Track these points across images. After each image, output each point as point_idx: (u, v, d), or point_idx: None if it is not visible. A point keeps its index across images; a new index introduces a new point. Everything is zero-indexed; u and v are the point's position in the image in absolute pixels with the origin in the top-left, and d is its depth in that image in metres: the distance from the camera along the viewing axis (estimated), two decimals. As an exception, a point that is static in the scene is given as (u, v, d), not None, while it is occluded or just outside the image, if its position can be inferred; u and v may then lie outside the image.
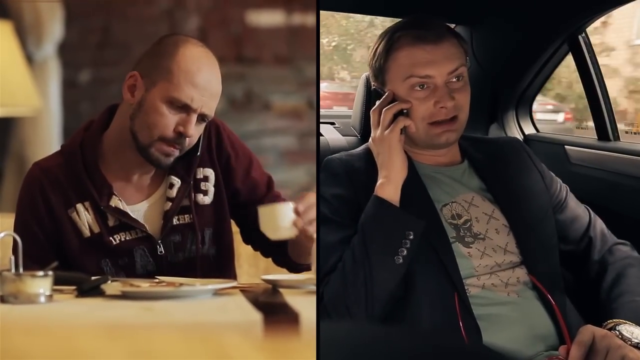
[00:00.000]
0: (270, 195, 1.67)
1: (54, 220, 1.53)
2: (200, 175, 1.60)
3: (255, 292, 1.40)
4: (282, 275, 1.56)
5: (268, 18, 3.14)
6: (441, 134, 1.49)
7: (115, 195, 1.53)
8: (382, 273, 1.37)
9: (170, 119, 1.49)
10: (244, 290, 1.39)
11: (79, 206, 1.54)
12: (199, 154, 1.58)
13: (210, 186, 1.61)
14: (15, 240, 1.29)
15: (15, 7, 2.87)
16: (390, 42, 1.52)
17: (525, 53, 2.32)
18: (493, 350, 0.58)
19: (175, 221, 1.57)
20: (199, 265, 1.58)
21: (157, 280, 1.36)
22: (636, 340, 1.32)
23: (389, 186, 1.43)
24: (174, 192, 1.57)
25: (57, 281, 1.28)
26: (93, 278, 1.35)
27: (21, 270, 1.25)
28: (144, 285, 1.31)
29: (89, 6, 3.01)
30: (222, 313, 1.18)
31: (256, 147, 3.10)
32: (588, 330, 1.29)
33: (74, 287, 1.33)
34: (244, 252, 1.84)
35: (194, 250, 1.58)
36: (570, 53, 2.22)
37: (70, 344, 0.59)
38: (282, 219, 1.44)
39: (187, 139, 1.51)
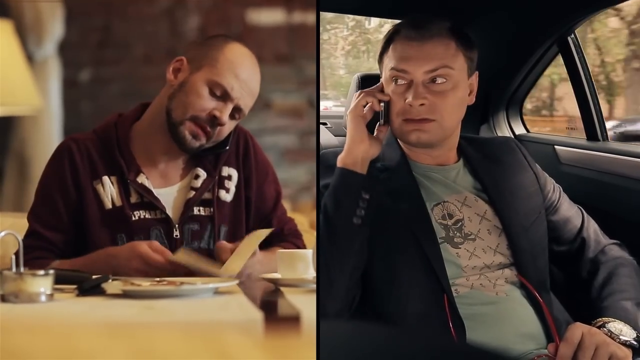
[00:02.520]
0: (275, 213, 1.73)
1: (77, 189, 1.58)
2: (225, 173, 1.66)
3: (256, 291, 1.41)
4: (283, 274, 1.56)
5: (268, 17, 3.13)
6: (411, 132, 1.48)
7: (143, 174, 1.59)
8: (341, 236, 1.39)
9: (207, 102, 1.57)
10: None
11: (105, 178, 1.59)
12: (227, 148, 1.64)
13: (232, 185, 1.66)
14: (17, 240, 1.29)
15: (16, 6, 2.87)
16: (388, 36, 1.55)
17: (515, 54, 2.33)
18: (483, 348, 0.58)
19: (195, 211, 1.62)
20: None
21: (158, 279, 1.36)
22: (624, 338, 1.33)
23: (348, 156, 1.44)
24: (198, 183, 1.62)
25: (58, 280, 1.29)
26: (94, 277, 1.35)
27: (22, 269, 1.25)
28: (144, 284, 1.31)
29: (90, 5, 3.01)
30: (223, 312, 1.18)
31: (257, 146, 3.11)
32: (577, 328, 1.32)
33: (74, 286, 1.33)
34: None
35: (210, 241, 1.62)
36: (559, 54, 2.23)
37: (71, 343, 0.59)
38: (299, 266, 1.45)
39: (217, 128, 1.57)
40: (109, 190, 1.58)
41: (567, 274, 1.69)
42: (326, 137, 2.29)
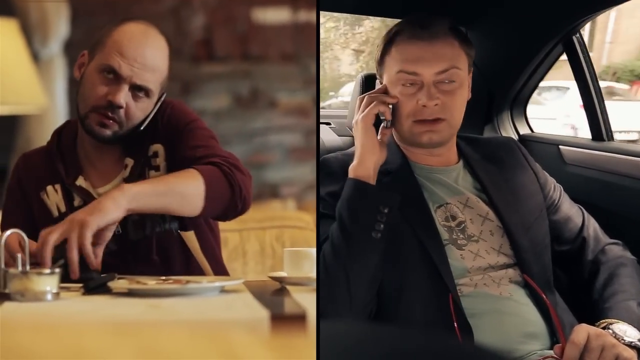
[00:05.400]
0: (185, 144, 1.58)
1: (27, 204, 1.60)
2: (151, 152, 1.60)
3: (262, 289, 1.40)
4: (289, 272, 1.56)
5: (273, 15, 3.13)
6: (423, 133, 1.49)
7: (82, 176, 1.58)
8: (360, 251, 1.37)
9: (100, 88, 1.53)
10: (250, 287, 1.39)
11: (49, 188, 1.60)
12: (142, 128, 1.58)
13: (161, 161, 1.60)
14: (23, 238, 1.29)
15: (21, 5, 2.87)
16: (389, 36, 1.53)
17: (520, 54, 2.33)
18: (487, 349, 0.57)
19: None
20: (162, 241, 1.57)
21: (163, 278, 1.36)
22: (629, 339, 1.33)
23: (361, 167, 1.43)
24: (127, 172, 1.59)
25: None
26: (100, 275, 1.35)
27: (28, 268, 1.25)
28: (150, 282, 1.31)
29: (95, 4, 3.01)
30: (229, 310, 1.18)
31: (262, 145, 3.11)
32: (582, 329, 1.30)
33: (80, 285, 1.33)
34: (250, 250, 1.84)
35: (155, 226, 1.58)
36: (564, 53, 2.22)
37: (76, 342, 0.59)
38: (305, 264, 1.45)
39: (120, 111, 1.53)
40: (54, 199, 1.59)
41: (569, 275, 1.68)
42: (330, 138, 2.28)
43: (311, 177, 3.03)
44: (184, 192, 1.47)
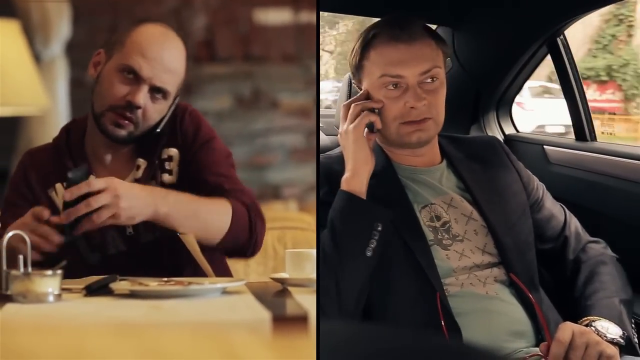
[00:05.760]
0: (213, 171, 1.60)
1: (32, 199, 1.57)
2: (165, 156, 1.60)
3: (264, 291, 1.40)
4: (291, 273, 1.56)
5: (275, 16, 3.14)
6: (412, 133, 1.48)
7: (92, 174, 1.54)
8: (353, 267, 1.37)
9: (119, 88, 1.53)
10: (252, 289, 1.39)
11: (58, 185, 1.58)
12: (158, 130, 1.58)
13: (174, 165, 1.60)
14: (25, 240, 1.29)
15: (23, 6, 2.88)
16: (366, 40, 1.51)
17: (506, 54, 2.35)
18: (474, 347, 0.58)
19: None
20: (172, 243, 1.55)
21: (165, 279, 1.36)
22: (611, 336, 1.35)
23: (354, 179, 1.42)
24: (139, 173, 1.58)
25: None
26: (101, 277, 1.35)
27: (30, 269, 1.25)
28: (152, 284, 1.31)
29: (97, 5, 3.02)
30: (231, 311, 1.18)
31: (264, 146, 3.11)
32: (567, 327, 1.32)
33: (82, 287, 1.33)
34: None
35: (166, 229, 1.55)
36: (549, 54, 2.24)
37: (78, 343, 0.59)
38: (307, 265, 1.45)
39: (138, 112, 1.53)
40: (62, 197, 1.54)
41: (552, 273, 1.69)
42: (320, 138, 2.30)
43: (312, 178, 3.03)
44: (210, 221, 1.51)
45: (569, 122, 2.25)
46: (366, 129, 1.47)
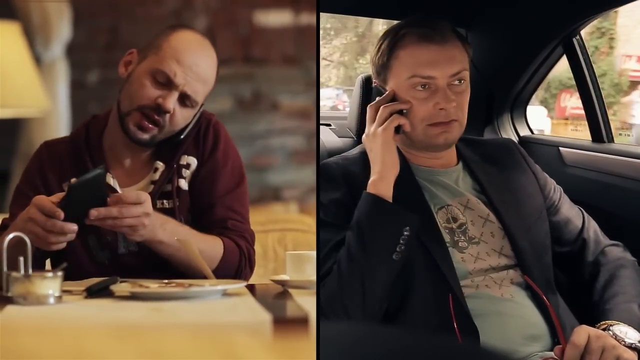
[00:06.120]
0: (221, 200, 1.62)
1: (45, 191, 1.55)
2: (184, 162, 1.61)
3: (265, 293, 1.40)
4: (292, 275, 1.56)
5: (275, 18, 3.14)
6: (440, 135, 1.48)
7: (110, 173, 1.56)
8: (380, 270, 1.36)
9: (150, 91, 1.54)
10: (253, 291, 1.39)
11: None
12: (182, 137, 1.59)
13: (189, 174, 1.61)
14: (26, 242, 1.29)
15: (24, 8, 2.88)
16: (395, 39, 1.50)
17: (520, 55, 2.33)
18: (488, 350, 0.57)
19: (159, 204, 1.58)
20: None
21: (166, 281, 1.36)
22: (629, 341, 1.33)
23: (382, 183, 1.42)
24: (157, 176, 1.59)
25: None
26: (102, 279, 1.35)
27: (30, 271, 1.25)
28: (153, 286, 1.31)
29: (97, 7, 3.02)
30: (232, 313, 1.18)
31: (264, 147, 3.11)
32: (583, 331, 1.31)
33: (82, 289, 1.33)
34: (252, 253, 1.84)
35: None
36: (564, 55, 2.23)
37: (79, 345, 0.59)
38: (307, 267, 1.45)
39: (165, 117, 1.53)
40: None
41: (569, 276, 1.68)
42: (330, 139, 2.27)
43: (313, 180, 3.03)
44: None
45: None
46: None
